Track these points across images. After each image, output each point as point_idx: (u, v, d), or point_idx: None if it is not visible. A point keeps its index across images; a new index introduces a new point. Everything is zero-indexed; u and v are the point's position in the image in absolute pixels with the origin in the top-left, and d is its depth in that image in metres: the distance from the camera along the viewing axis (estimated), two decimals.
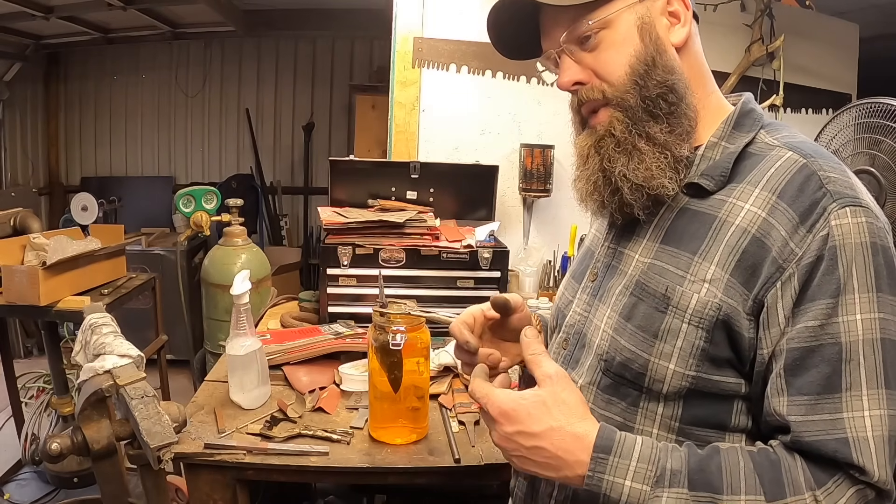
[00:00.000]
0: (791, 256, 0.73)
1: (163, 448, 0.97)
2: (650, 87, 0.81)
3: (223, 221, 2.86)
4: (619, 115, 0.83)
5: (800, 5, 2.67)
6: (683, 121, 0.83)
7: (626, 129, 0.83)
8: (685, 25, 0.85)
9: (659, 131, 0.82)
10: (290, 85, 5.61)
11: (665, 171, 0.81)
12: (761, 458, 0.73)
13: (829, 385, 0.71)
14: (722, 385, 0.78)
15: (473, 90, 2.50)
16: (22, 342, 4.48)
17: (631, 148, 0.82)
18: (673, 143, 0.82)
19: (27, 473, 2.86)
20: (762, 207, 0.77)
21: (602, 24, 0.82)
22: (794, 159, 0.78)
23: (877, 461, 0.69)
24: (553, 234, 2.53)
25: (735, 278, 0.76)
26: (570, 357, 0.93)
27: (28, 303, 2.21)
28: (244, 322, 1.45)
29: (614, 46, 0.83)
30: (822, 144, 2.05)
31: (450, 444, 1.33)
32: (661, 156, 0.81)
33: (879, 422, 0.70)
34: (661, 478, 0.72)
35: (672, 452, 0.74)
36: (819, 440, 0.70)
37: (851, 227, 0.72)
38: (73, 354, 1.30)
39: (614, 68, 0.83)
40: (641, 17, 0.83)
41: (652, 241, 0.85)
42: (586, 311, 0.92)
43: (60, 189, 5.43)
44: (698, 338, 0.77)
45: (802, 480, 0.70)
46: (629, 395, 0.83)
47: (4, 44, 4.54)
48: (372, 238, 2.01)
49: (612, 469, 0.73)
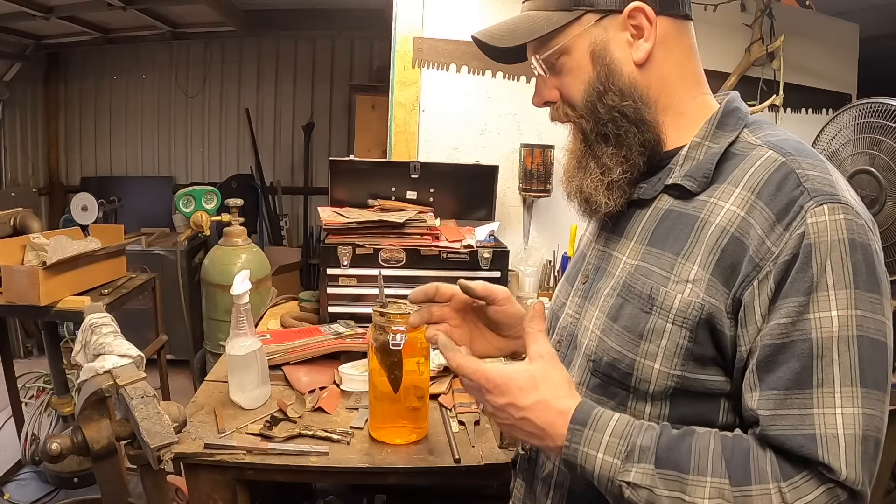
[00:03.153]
0: (768, 255, 0.73)
1: (163, 448, 0.97)
2: (601, 112, 0.87)
3: (223, 221, 2.86)
4: (580, 137, 0.91)
5: (800, 5, 2.67)
6: (634, 140, 0.87)
7: (581, 150, 0.91)
8: (648, 40, 0.85)
9: (603, 154, 0.88)
10: (290, 85, 5.61)
11: (599, 191, 0.88)
12: (733, 444, 0.74)
13: (798, 381, 0.71)
14: (707, 384, 0.79)
15: (473, 90, 2.50)
16: (22, 342, 4.48)
17: (584, 164, 0.90)
18: (610, 167, 0.88)
19: (27, 473, 2.86)
20: (741, 207, 0.77)
21: (558, 52, 0.88)
22: (773, 158, 0.78)
23: (845, 459, 0.68)
24: (553, 234, 2.53)
25: (716, 278, 0.77)
26: (562, 358, 0.94)
27: (28, 303, 2.21)
28: (244, 322, 1.45)
29: (572, 72, 0.88)
30: (822, 144, 2.05)
31: (450, 444, 1.34)
32: (601, 176, 0.88)
33: (852, 420, 0.69)
34: (630, 453, 0.75)
35: (645, 430, 0.76)
36: (786, 434, 0.70)
37: (828, 225, 0.72)
38: (73, 354, 1.29)
39: (574, 93, 0.89)
40: (595, 42, 0.86)
41: (638, 244, 0.87)
42: (577, 312, 0.95)
43: (60, 189, 5.43)
44: (682, 337, 0.78)
45: (769, 471, 0.70)
46: (617, 394, 0.84)
47: (4, 44, 4.54)
48: (372, 238, 2.01)
49: (587, 441, 0.77)
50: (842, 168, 1.97)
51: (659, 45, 0.86)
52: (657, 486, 0.73)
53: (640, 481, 0.73)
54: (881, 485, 1.87)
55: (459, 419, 1.44)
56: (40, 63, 5.17)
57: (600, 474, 0.76)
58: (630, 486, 0.74)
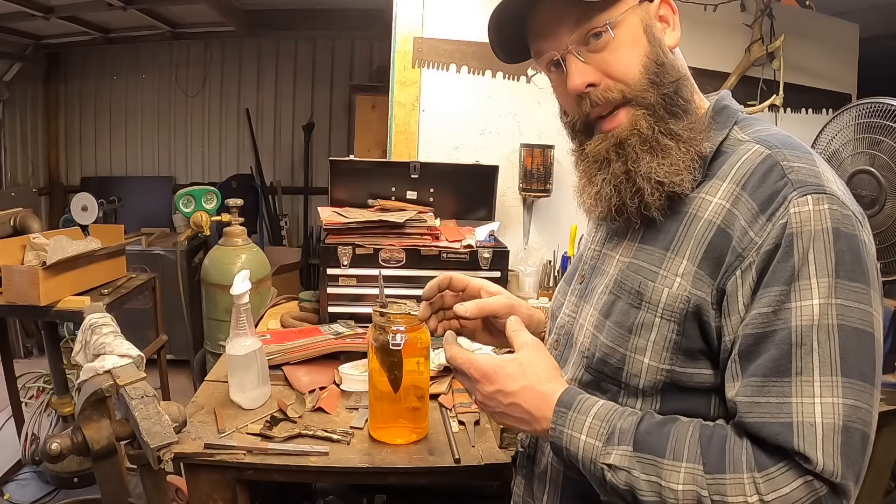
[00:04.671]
0: (751, 245, 0.73)
1: (163, 448, 0.97)
2: (665, 84, 0.82)
3: (223, 221, 2.86)
4: (643, 113, 0.83)
5: (800, 5, 2.67)
6: (695, 118, 0.84)
7: (651, 127, 0.82)
8: (675, 29, 0.87)
9: (682, 128, 0.82)
10: (290, 85, 5.61)
11: (689, 167, 0.81)
12: (711, 432, 0.74)
13: (777, 369, 0.70)
14: (697, 378, 0.79)
15: (473, 90, 2.50)
16: (22, 342, 4.48)
17: (656, 145, 0.82)
18: (695, 140, 0.82)
19: (27, 473, 2.86)
20: (727, 199, 0.78)
21: (613, 25, 0.82)
22: (759, 151, 0.79)
23: (822, 449, 0.67)
24: (553, 234, 2.53)
25: (702, 270, 0.77)
26: (560, 357, 0.96)
27: (28, 303, 2.21)
28: (244, 322, 1.45)
29: (624, 47, 0.83)
30: (822, 144, 2.05)
31: (450, 444, 1.34)
32: (686, 152, 0.82)
33: (832, 410, 0.68)
34: (611, 435, 0.77)
35: (626, 414, 0.78)
36: (763, 422, 0.70)
37: (812, 215, 0.71)
38: (73, 354, 1.29)
39: (628, 67, 0.82)
40: (643, 20, 0.84)
41: (631, 241, 0.88)
42: (574, 312, 0.96)
43: (60, 189, 5.42)
44: (670, 331, 0.79)
45: (744, 461, 0.70)
46: (609, 390, 0.85)
47: (4, 44, 4.54)
48: (372, 238, 2.01)
49: (571, 423, 0.80)
50: (842, 168, 1.97)
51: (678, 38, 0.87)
52: (635, 469, 0.74)
53: (619, 463, 0.75)
54: (881, 485, 1.87)
55: (459, 419, 1.44)
56: (40, 63, 5.17)
57: (583, 457, 0.78)
58: (611, 468, 0.75)
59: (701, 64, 2.51)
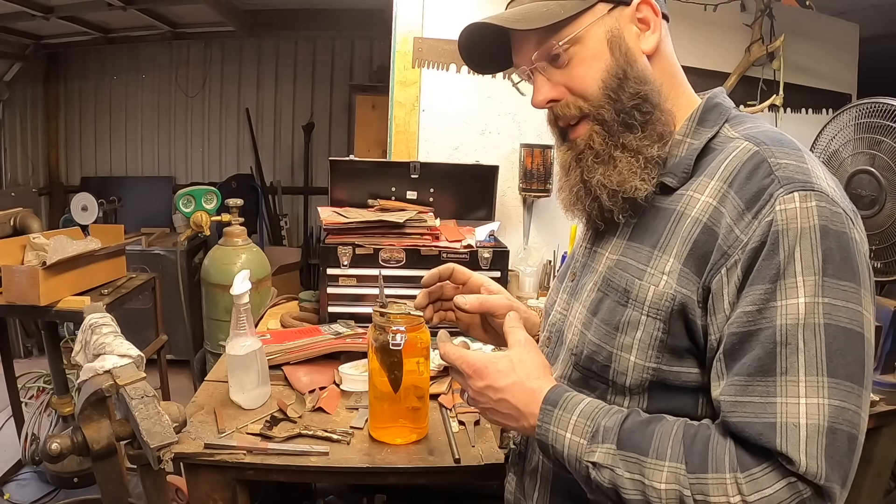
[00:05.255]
0: (736, 243, 0.73)
1: (163, 448, 0.97)
2: (623, 100, 0.84)
3: (223, 221, 2.86)
4: (598, 129, 0.86)
5: (800, 5, 2.67)
6: (658, 126, 0.85)
7: (604, 142, 0.85)
8: (654, 32, 0.86)
9: (633, 139, 0.84)
10: (290, 85, 5.61)
11: (636, 173, 0.83)
12: (695, 431, 0.73)
13: (762, 368, 0.69)
14: (683, 377, 0.79)
15: (473, 90, 2.50)
16: (22, 342, 4.48)
17: (608, 158, 0.85)
18: (644, 147, 0.84)
19: (27, 473, 2.85)
20: (714, 197, 0.78)
21: (571, 42, 0.84)
22: (747, 148, 0.78)
23: (805, 450, 0.66)
24: (553, 234, 2.53)
25: (688, 268, 0.77)
26: (550, 354, 0.97)
27: (28, 303, 2.21)
28: (244, 322, 1.45)
29: (585, 62, 0.85)
30: (822, 144, 2.05)
31: (450, 444, 1.34)
32: (633, 160, 0.84)
33: (817, 410, 0.67)
34: (595, 433, 0.77)
35: (612, 413, 0.78)
36: (746, 422, 0.69)
37: (798, 212, 0.70)
38: (73, 354, 1.29)
39: (587, 84, 0.85)
40: (610, 30, 0.84)
41: (621, 239, 0.88)
42: (565, 309, 0.96)
43: (60, 189, 5.43)
44: (656, 329, 0.79)
45: (727, 461, 0.69)
46: (597, 388, 0.86)
47: (4, 44, 4.54)
48: (372, 238, 2.01)
49: (557, 421, 0.80)
50: (842, 168, 1.97)
51: (661, 39, 0.87)
52: (618, 467, 0.74)
53: (603, 461, 0.75)
54: (881, 485, 1.87)
55: (459, 419, 1.44)
56: (40, 63, 5.17)
57: (569, 454, 0.78)
58: (595, 466, 0.75)
59: (701, 64, 2.51)
